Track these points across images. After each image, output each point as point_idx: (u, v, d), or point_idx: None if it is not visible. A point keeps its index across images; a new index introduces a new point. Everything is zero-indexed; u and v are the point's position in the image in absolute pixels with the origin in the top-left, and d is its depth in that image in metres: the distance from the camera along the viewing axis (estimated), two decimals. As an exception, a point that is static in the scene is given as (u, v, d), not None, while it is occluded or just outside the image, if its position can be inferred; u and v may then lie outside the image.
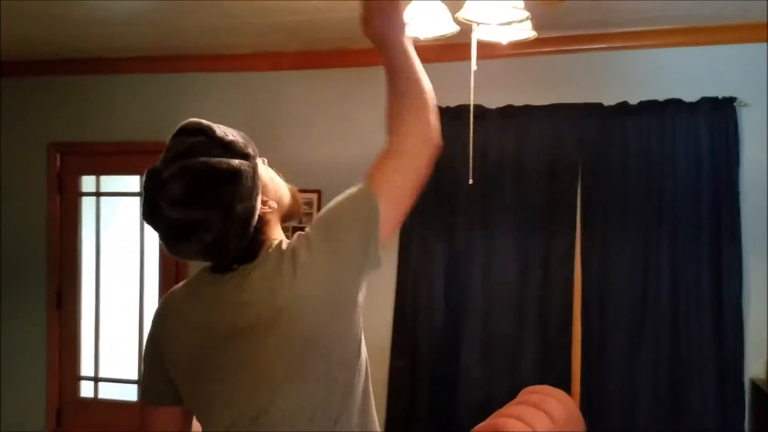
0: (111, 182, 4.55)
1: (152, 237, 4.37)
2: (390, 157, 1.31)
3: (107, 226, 4.52)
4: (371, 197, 1.27)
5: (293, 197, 1.46)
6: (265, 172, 1.39)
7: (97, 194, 4.50)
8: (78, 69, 4.34)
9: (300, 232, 1.33)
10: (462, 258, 3.56)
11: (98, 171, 4.52)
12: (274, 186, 1.40)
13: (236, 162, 1.29)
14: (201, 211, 1.26)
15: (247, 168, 1.30)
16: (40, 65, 4.37)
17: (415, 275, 3.57)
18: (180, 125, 1.36)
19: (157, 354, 1.39)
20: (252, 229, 1.31)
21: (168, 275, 4.32)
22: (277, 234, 1.38)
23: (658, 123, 3.34)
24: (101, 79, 4.36)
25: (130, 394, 4.48)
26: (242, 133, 1.39)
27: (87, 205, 4.50)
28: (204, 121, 1.35)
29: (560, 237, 3.47)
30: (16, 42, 3.92)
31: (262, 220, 1.33)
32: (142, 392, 1.43)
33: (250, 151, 1.34)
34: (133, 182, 4.46)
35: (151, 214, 1.30)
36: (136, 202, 4.42)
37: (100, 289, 4.50)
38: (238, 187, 1.27)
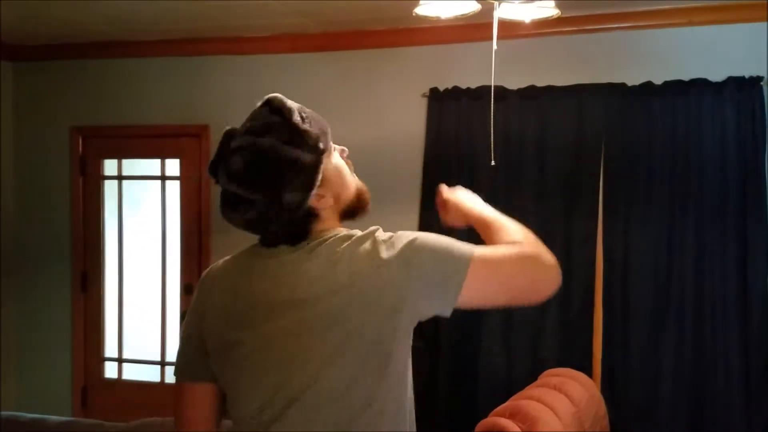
0: (133, 166, 4.58)
1: (174, 220, 4.41)
2: (515, 251, 1.35)
3: (130, 210, 4.56)
4: (464, 267, 1.29)
5: (358, 196, 1.44)
6: (333, 165, 1.38)
7: (120, 178, 4.54)
8: (99, 53, 4.36)
9: (385, 234, 1.33)
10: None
11: (120, 155, 4.56)
12: (338, 181, 1.39)
13: (300, 153, 1.29)
14: (249, 191, 1.29)
15: (309, 161, 1.30)
16: (62, 49, 4.40)
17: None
18: (268, 96, 1.36)
19: (198, 328, 1.39)
20: (298, 218, 1.32)
21: (190, 258, 4.36)
22: (330, 225, 1.37)
23: (683, 103, 3.29)
24: (123, 63, 4.38)
25: (153, 374, 4.55)
26: (322, 122, 1.37)
27: (109, 188, 4.55)
28: (287, 103, 1.34)
29: (582, 218, 3.44)
30: (37, 26, 3.95)
31: (314, 212, 1.34)
32: (178, 368, 1.41)
33: (320, 145, 1.32)
34: (154, 166, 4.48)
35: (212, 172, 1.36)
36: (158, 185, 4.45)
37: (123, 272, 4.56)
38: (293, 178, 1.28)
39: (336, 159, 1.39)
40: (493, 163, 2.57)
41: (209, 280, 1.44)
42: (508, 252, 1.35)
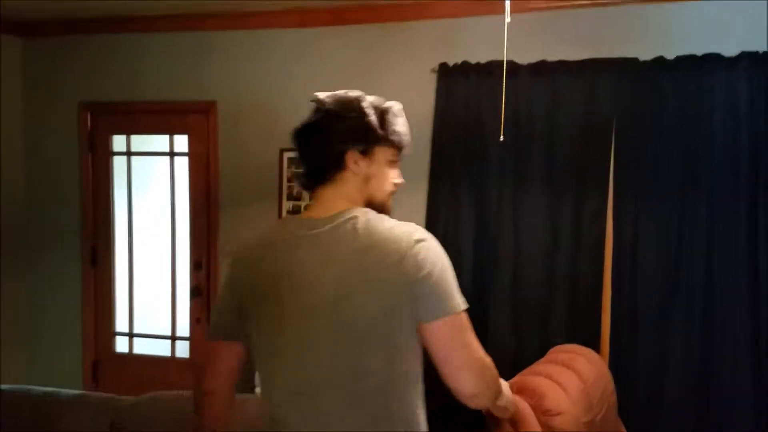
0: (142, 142, 4.58)
1: (183, 196, 4.42)
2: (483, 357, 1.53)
3: (139, 186, 4.56)
4: (456, 308, 1.48)
5: (382, 204, 1.60)
6: (384, 167, 1.59)
7: (128, 154, 4.54)
8: (106, 28, 4.33)
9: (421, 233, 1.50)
10: (492, 218, 3.53)
11: (129, 131, 4.55)
12: (378, 177, 1.59)
13: (370, 122, 1.55)
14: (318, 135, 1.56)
15: (370, 134, 1.55)
16: (69, 24, 4.37)
17: (443, 235, 3.55)
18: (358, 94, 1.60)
19: (234, 293, 1.57)
20: (331, 161, 1.54)
21: (199, 234, 4.38)
22: (353, 201, 1.54)
23: (695, 78, 3.23)
24: (129, 39, 4.36)
25: (164, 349, 4.58)
26: (403, 130, 1.63)
27: (118, 164, 4.55)
28: (365, 99, 1.60)
29: (592, 196, 3.41)
30: (45, 2, 3.92)
31: (343, 166, 1.54)
32: (212, 327, 1.62)
33: (384, 134, 1.57)
34: (163, 142, 4.48)
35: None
36: (167, 161, 4.45)
37: (133, 247, 4.58)
38: (351, 137, 1.53)
39: (389, 171, 1.60)
40: (501, 138, 2.55)
41: (246, 250, 1.59)
42: (479, 348, 1.51)
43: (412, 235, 1.46)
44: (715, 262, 3.20)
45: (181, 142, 4.40)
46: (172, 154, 4.45)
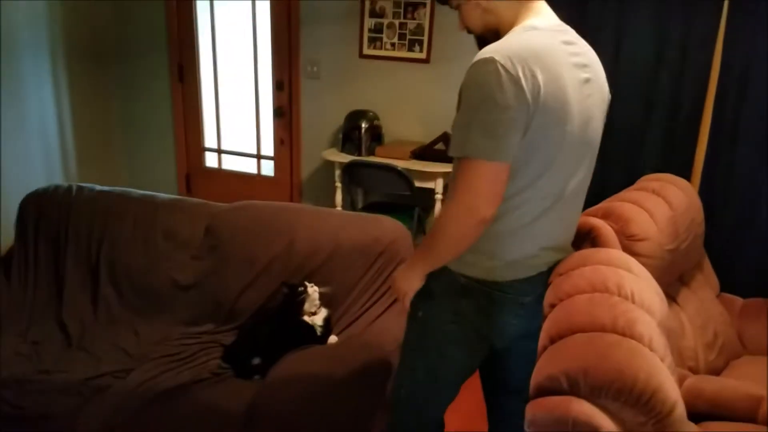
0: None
1: (264, 14, 4.32)
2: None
3: (221, 4, 4.49)
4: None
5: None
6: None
7: (210, -33, 4.42)
8: None
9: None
10: (590, 39, 3.29)
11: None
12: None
13: None
14: None
15: None
16: None
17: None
18: None
19: (525, 111, 1.41)
20: None
21: (281, 53, 4.33)
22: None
23: None
24: None
25: (250, 167, 4.75)
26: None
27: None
28: None
29: (703, 18, 3.11)
30: None
31: None
32: (503, 146, 1.42)
33: None
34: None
35: None
36: (248, -25, 4.32)
37: (217, 65, 4.60)
38: None
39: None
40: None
41: (527, 64, 1.41)
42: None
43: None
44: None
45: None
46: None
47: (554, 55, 1.47)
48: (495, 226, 1.52)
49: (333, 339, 2.28)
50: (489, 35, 1.57)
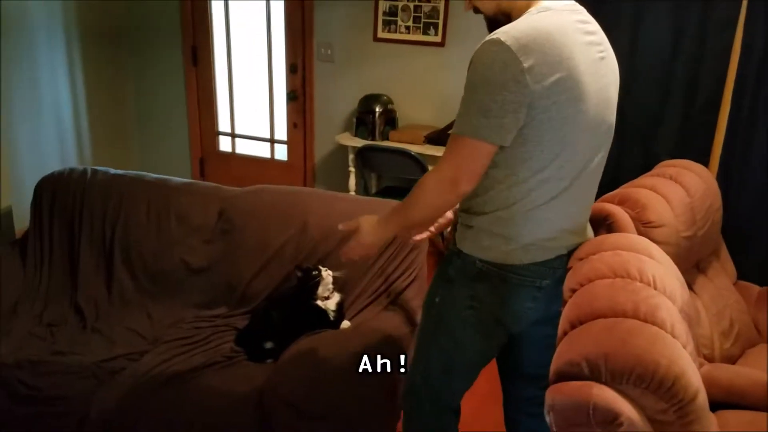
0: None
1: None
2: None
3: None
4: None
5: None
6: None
7: (224, -51, 4.39)
8: None
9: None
10: (607, 22, 3.23)
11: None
12: None
13: None
14: None
15: None
16: None
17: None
18: None
19: (522, 93, 1.39)
20: None
21: (294, 35, 4.31)
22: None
23: None
24: None
25: (263, 151, 4.74)
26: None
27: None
28: None
29: (723, 0, 3.05)
30: None
31: None
32: (497, 127, 1.42)
33: None
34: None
35: None
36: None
37: (231, 48, 4.59)
38: None
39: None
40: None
41: (536, 45, 1.39)
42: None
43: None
44: None
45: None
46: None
47: (568, 35, 1.44)
48: (512, 209, 1.52)
49: (345, 324, 2.28)
50: (501, 17, 1.55)
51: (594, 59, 1.50)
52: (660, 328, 1.21)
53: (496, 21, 1.55)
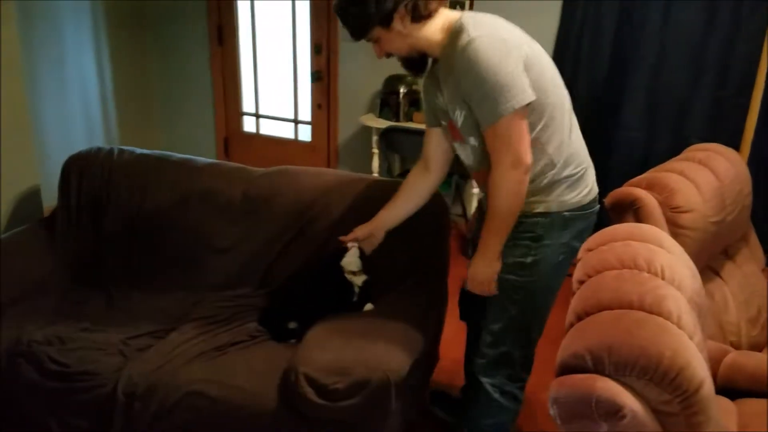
0: None
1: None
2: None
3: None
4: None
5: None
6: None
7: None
8: None
9: None
10: (638, 3, 3.17)
11: None
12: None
13: None
14: None
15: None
16: None
17: (580, 24, 3.27)
18: None
19: (519, 57, 1.65)
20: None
21: (319, 15, 4.29)
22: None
23: None
24: None
25: (287, 131, 4.75)
26: None
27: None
28: None
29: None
30: None
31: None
32: (524, 89, 1.64)
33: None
34: None
35: None
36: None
37: (255, 29, 4.58)
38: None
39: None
40: None
41: (495, 29, 1.67)
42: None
43: None
44: None
45: None
46: None
47: (505, 23, 1.72)
48: (558, 169, 1.79)
49: (369, 306, 2.28)
50: (415, 54, 1.79)
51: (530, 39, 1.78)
52: (666, 319, 1.21)
53: (410, 59, 1.80)
